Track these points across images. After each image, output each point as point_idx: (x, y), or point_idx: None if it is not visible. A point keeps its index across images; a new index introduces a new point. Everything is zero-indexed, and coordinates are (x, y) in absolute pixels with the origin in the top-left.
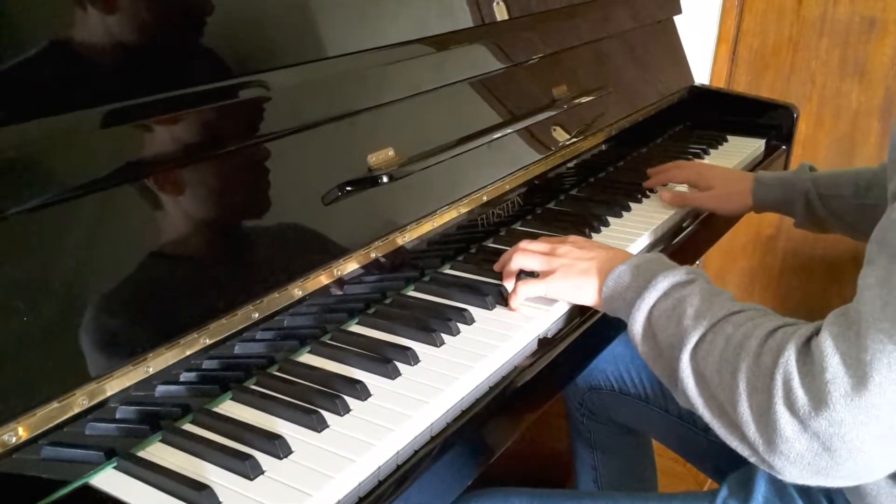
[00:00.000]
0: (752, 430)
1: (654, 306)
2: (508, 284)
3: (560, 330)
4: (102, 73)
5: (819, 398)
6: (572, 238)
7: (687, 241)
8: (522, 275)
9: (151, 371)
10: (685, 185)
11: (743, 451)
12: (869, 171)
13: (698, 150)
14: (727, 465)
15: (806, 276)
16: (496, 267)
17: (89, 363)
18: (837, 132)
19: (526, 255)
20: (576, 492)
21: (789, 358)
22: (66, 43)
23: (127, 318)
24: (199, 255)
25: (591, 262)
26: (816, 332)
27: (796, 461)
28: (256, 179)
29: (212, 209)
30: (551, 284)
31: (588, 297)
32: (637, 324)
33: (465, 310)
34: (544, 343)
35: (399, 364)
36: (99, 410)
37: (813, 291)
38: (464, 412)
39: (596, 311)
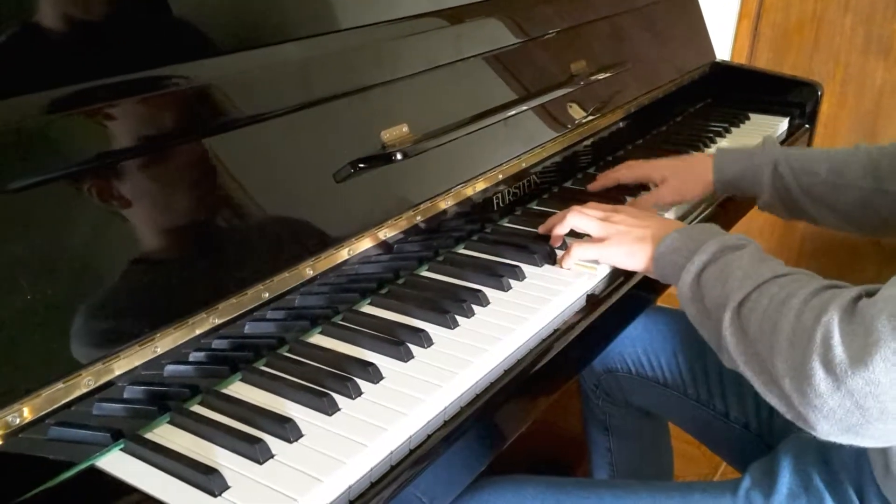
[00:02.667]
0: (787, 383)
1: (703, 269)
2: (555, 242)
3: (578, 312)
4: (110, 43)
5: (858, 357)
6: (626, 207)
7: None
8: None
9: (159, 351)
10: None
11: (780, 406)
12: (840, 151)
13: (719, 129)
14: (746, 450)
15: (825, 259)
16: (542, 228)
17: (95, 343)
18: (860, 111)
19: (582, 217)
20: (592, 481)
21: (832, 317)
22: (47, 20)
23: (134, 298)
24: (208, 232)
25: (645, 230)
26: (866, 294)
27: (828, 416)
28: (267, 156)
29: (221, 187)
30: (607, 249)
31: (639, 262)
32: (685, 286)
33: (479, 291)
34: (562, 324)
35: (412, 346)
36: (105, 391)
37: (833, 274)
38: (478, 396)
39: (613, 296)
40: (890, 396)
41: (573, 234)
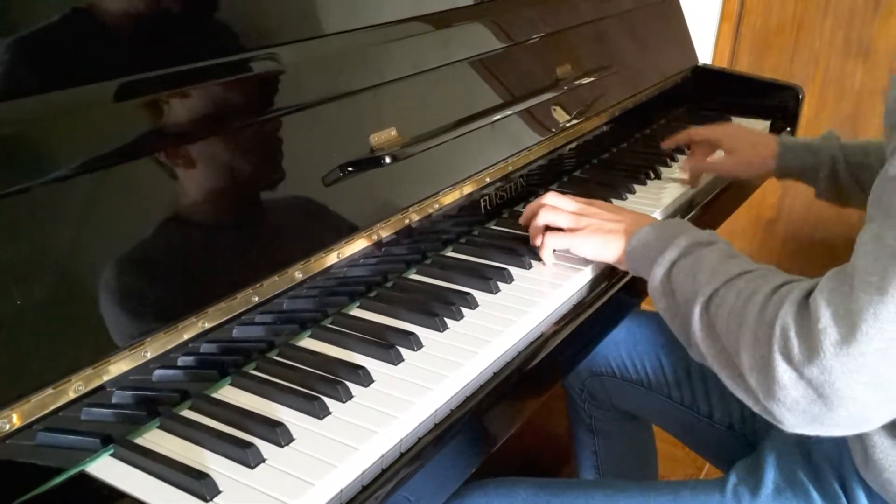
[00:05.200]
0: (753, 378)
1: (674, 263)
2: (535, 240)
3: (565, 315)
4: (100, 49)
5: (811, 347)
6: (599, 201)
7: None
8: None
9: (149, 356)
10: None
11: (747, 400)
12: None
13: None
14: (730, 451)
15: (806, 259)
16: (521, 220)
17: (85, 348)
18: (840, 114)
19: (555, 213)
20: (583, 482)
21: (788, 310)
22: (66, 18)
23: (124, 302)
24: (197, 236)
25: (618, 224)
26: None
27: (792, 408)
28: (255, 160)
29: (210, 190)
30: (578, 240)
31: (612, 254)
32: (656, 279)
33: (468, 293)
34: (552, 325)
35: (402, 349)
36: (95, 396)
37: (813, 274)
38: (468, 398)
39: (598, 300)
40: (844, 382)
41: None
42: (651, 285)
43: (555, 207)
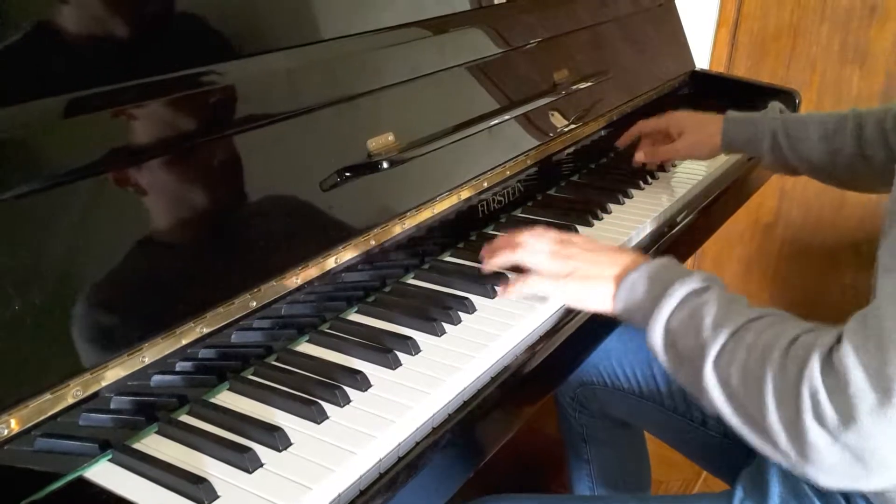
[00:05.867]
0: (783, 440)
1: (671, 316)
2: (508, 274)
3: (564, 317)
4: (90, 56)
5: (846, 413)
6: (577, 238)
7: (684, 233)
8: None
9: (147, 361)
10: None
11: (776, 457)
12: (835, 115)
13: None
14: (724, 459)
15: (804, 263)
16: (484, 251)
17: (83, 353)
18: None
19: (533, 255)
20: (587, 497)
21: (814, 370)
22: (50, 26)
23: (122, 307)
24: (195, 242)
25: (602, 268)
26: (838, 341)
27: (830, 471)
28: (253, 165)
29: (208, 196)
30: (563, 289)
31: (601, 304)
32: (656, 335)
33: (466, 298)
34: (548, 331)
35: (400, 354)
36: (93, 401)
37: (811, 279)
38: (466, 403)
39: None
40: (888, 448)
41: None
42: (650, 341)
43: (532, 249)
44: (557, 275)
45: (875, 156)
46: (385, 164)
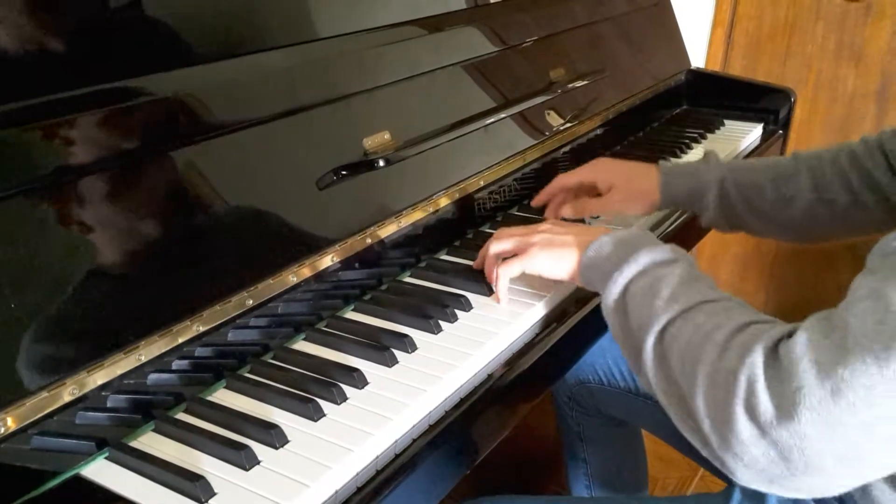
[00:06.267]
0: (706, 424)
1: (631, 281)
2: (490, 276)
3: (559, 316)
4: (88, 49)
5: (784, 408)
6: (550, 221)
7: (679, 231)
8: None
9: (143, 359)
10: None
11: (695, 442)
12: (784, 159)
13: (695, 135)
14: None
15: (800, 262)
16: (475, 264)
17: (79, 352)
18: (833, 117)
19: (501, 241)
20: (587, 499)
21: (756, 358)
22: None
23: (118, 306)
24: (191, 240)
25: (569, 237)
26: (789, 335)
27: (749, 465)
28: (250, 163)
29: (205, 195)
30: (528, 258)
31: (566, 269)
32: (611, 296)
33: (462, 296)
34: (545, 327)
35: (396, 352)
36: (90, 399)
37: (807, 278)
38: (462, 400)
39: (596, 294)
40: (816, 450)
41: None
42: (604, 303)
43: (500, 237)
44: (523, 250)
45: (837, 199)
46: (381, 163)
